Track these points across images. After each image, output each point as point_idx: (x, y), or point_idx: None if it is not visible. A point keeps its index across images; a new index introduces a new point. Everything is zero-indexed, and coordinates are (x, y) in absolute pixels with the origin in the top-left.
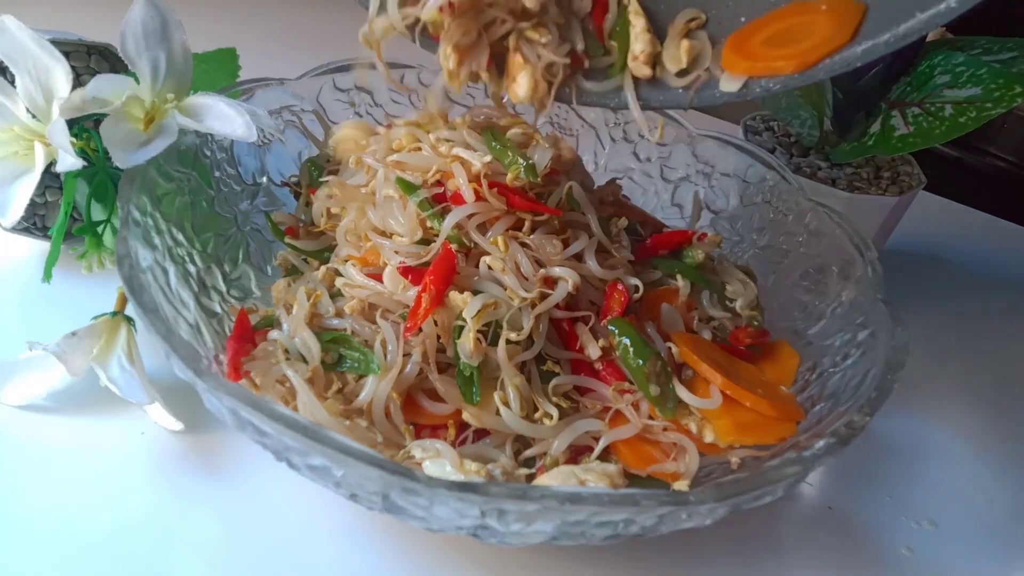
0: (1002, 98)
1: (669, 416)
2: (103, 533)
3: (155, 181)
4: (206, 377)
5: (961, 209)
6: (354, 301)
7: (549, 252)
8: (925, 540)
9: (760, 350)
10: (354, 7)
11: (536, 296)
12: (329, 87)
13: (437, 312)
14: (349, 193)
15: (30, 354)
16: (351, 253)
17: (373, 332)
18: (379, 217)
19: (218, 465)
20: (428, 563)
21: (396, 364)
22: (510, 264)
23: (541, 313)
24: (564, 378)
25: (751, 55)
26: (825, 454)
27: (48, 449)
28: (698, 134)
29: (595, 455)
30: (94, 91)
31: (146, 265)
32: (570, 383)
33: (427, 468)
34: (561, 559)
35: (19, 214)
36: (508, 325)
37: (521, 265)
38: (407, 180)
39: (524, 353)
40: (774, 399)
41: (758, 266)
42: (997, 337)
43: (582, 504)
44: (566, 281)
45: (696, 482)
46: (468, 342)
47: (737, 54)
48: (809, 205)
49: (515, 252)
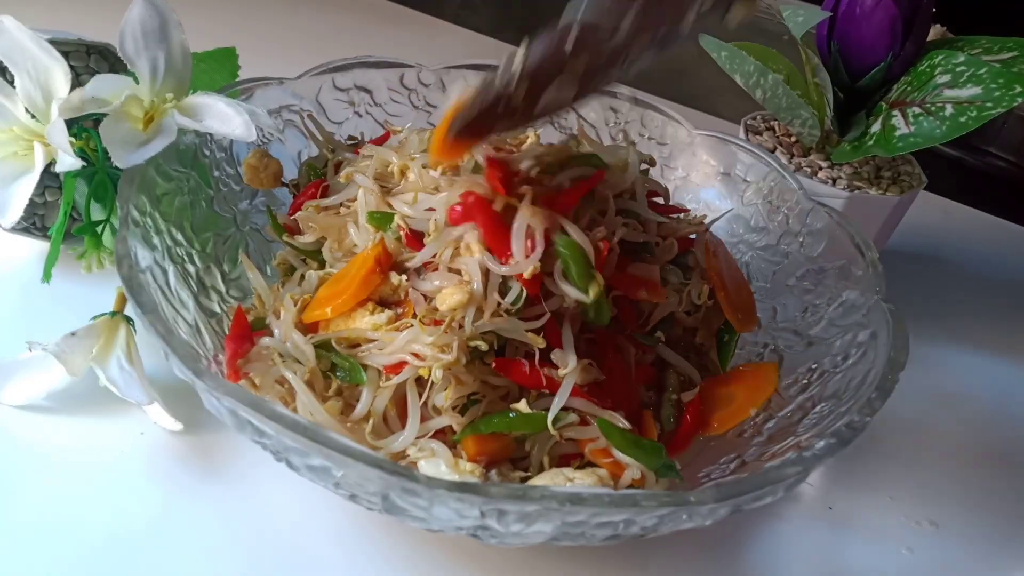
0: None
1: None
2: (102, 533)
3: (154, 181)
4: (205, 377)
5: (961, 209)
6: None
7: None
8: (925, 540)
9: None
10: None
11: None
12: (329, 86)
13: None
14: (324, 221)
15: (29, 354)
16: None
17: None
18: (362, 239)
19: (217, 465)
20: (428, 563)
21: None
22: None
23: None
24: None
25: None
26: (825, 454)
27: (47, 449)
28: (698, 134)
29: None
30: (93, 91)
31: (145, 265)
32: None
33: (422, 467)
34: (561, 559)
35: (18, 214)
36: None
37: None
38: (383, 213)
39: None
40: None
41: (758, 266)
42: (997, 337)
43: (582, 504)
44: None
45: (696, 483)
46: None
47: None
48: (809, 205)
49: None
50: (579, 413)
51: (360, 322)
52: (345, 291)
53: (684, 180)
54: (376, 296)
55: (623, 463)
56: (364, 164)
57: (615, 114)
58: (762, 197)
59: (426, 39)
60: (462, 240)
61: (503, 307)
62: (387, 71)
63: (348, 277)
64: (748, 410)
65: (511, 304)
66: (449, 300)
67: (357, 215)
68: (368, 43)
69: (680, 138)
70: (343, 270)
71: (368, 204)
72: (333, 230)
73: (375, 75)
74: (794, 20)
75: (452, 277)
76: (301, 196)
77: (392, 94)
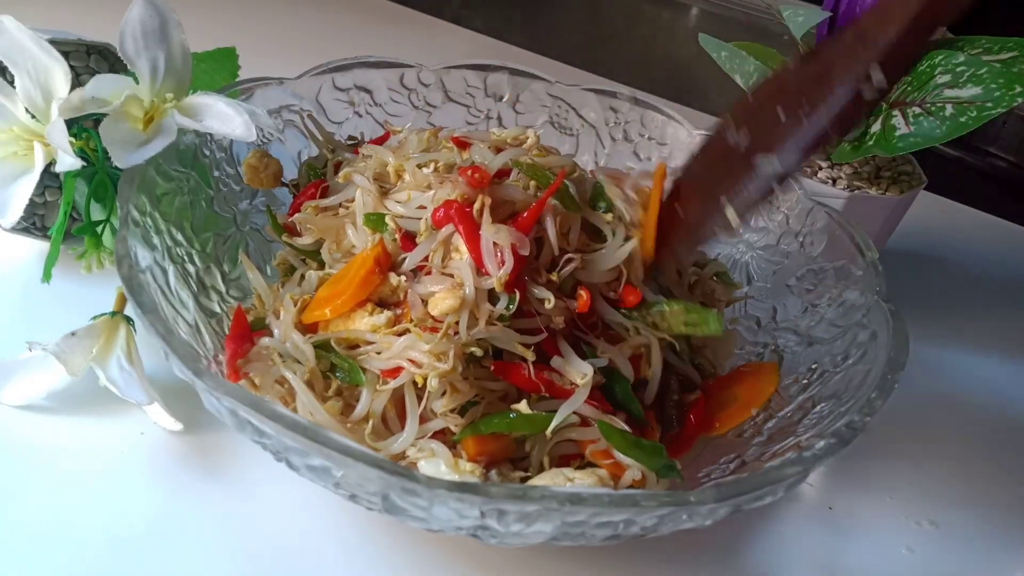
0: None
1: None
2: (102, 533)
3: (154, 181)
4: (205, 377)
5: (961, 209)
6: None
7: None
8: (925, 540)
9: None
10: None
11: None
12: (328, 86)
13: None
14: (322, 223)
15: (29, 354)
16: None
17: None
18: (360, 240)
19: (217, 465)
20: (428, 563)
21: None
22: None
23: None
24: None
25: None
26: (825, 454)
27: (47, 449)
28: (698, 134)
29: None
30: (93, 91)
31: (145, 265)
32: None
33: (422, 467)
34: (561, 559)
35: (18, 214)
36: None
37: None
38: (378, 215)
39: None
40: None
41: (758, 266)
42: (997, 337)
43: (583, 505)
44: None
45: (697, 483)
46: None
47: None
48: (809, 205)
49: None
50: (579, 414)
51: (359, 323)
52: (344, 292)
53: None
54: (375, 297)
55: (624, 464)
56: (363, 164)
57: (615, 114)
58: None
59: (426, 39)
60: (451, 242)
61: (494, 315)
62: (387, 71)
63: (348, 278)
64: (749, 410)
65: (504, 309)
66: (441, 305)
67: (355, 216)
68: (368, 43)
69: (680, 138)
70: (343, 270)
71: (365, 205)
72: (331, 231)
73: (375, 75)
74: (794, 20)
75: (445, 280)
76: (301, 196)
77: (392, 94)
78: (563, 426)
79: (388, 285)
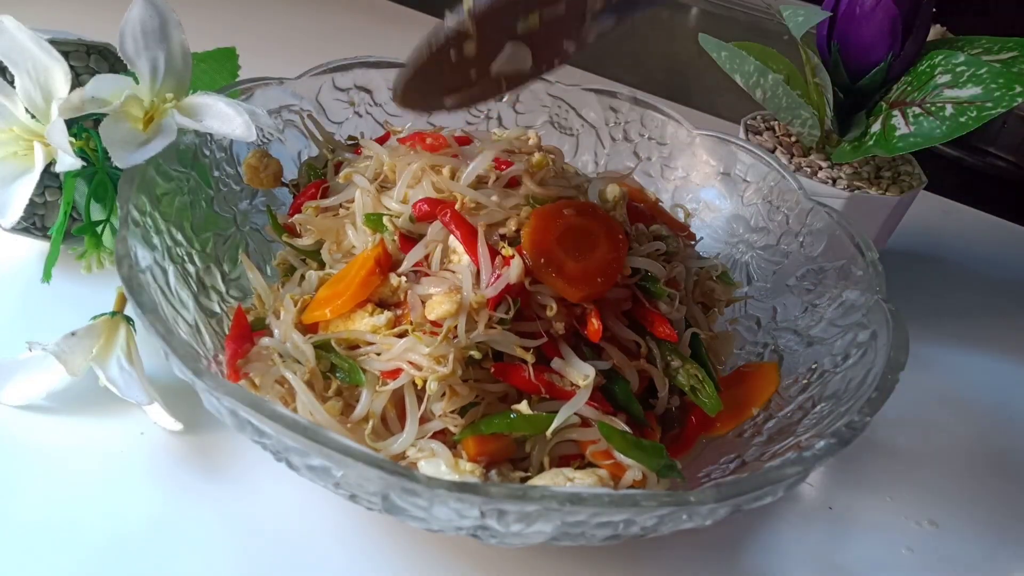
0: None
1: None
2: (102, 533)
3: (154, 181)
4: (205, 377)
5: (961, 209)
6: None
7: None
8: (925, 540)
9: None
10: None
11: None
12: (328, 86)
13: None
14: (322, 224)
15: (29, 354)
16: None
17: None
18: (360, 240)
19: (217, 465)
20: (428, 563)
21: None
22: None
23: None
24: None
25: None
26: (825, 454)
27: (47, 449)
28: (698, 134)
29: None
30: (93, 91)
31: (145, 265)
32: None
33: (422, 467)
34: (561, 559)
35: (18, 214)
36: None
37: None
38: (378, 215)
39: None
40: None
41: (758, 266)
42: (997, 337)
43: (582, 504)
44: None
45: (697, 483)
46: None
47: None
48: (809, 205)
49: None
50: (580, 415)
51: (360, 323)
52: (345, 292)
53: (684, 180)
54: (376, 297)
55: (624, 464)
56: (363, 165)
57: (615, 114)
58: (762, 197)
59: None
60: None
61: (495, 318)
62: (387, 71)
63: (348, 278)
64: (750, 410)
65: (505, 313)
66: (438, 309)
67: (355, 216)
68: (368, 43)
69: (680, 138)
70: (343, 271)
71: (365, 206)
72: (331, 232)
73: (375, 75)
74: (794, 20)
75: (443, 283)
76: (301, 196)
77: (392, 94)
78: (563, 427)
79: (388, 286)
